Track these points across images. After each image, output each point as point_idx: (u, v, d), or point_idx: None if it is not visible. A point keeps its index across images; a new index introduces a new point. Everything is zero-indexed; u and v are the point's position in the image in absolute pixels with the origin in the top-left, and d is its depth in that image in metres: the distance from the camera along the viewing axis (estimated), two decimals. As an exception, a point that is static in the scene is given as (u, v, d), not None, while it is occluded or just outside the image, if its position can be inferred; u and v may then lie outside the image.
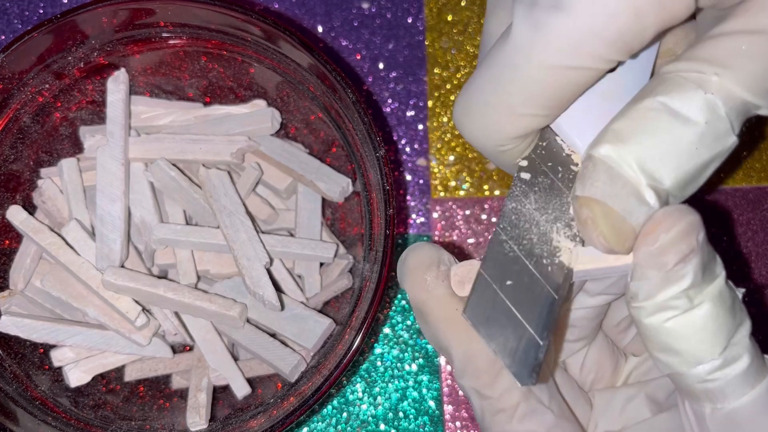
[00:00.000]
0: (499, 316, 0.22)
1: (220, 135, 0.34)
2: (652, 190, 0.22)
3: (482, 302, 0.22)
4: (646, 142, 0.21)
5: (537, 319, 0.21)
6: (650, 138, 0.21)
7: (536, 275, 0.22)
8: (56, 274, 0.32)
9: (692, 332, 0.21)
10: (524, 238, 0.23)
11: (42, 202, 0.34)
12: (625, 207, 0.22)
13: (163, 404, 0.34)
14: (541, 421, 0.24)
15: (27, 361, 0.33)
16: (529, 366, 0.21)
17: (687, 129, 0.21)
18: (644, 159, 0.21)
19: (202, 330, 0.33)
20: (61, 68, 0.33)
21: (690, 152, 0.21)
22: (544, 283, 0.22)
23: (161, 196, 0.34)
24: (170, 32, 0.33)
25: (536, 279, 0.22)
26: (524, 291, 0.22)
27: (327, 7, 0.42)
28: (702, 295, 0.21)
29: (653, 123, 0.22)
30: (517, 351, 0.21)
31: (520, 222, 0.23)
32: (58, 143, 0.35)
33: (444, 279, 0.24)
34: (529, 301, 0.22)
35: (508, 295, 0.22)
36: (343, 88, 0.30)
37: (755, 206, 0.40)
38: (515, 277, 0.22)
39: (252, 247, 0.32)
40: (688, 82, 0.22)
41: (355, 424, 0.37)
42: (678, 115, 0.21)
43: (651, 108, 0.22)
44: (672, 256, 0.21)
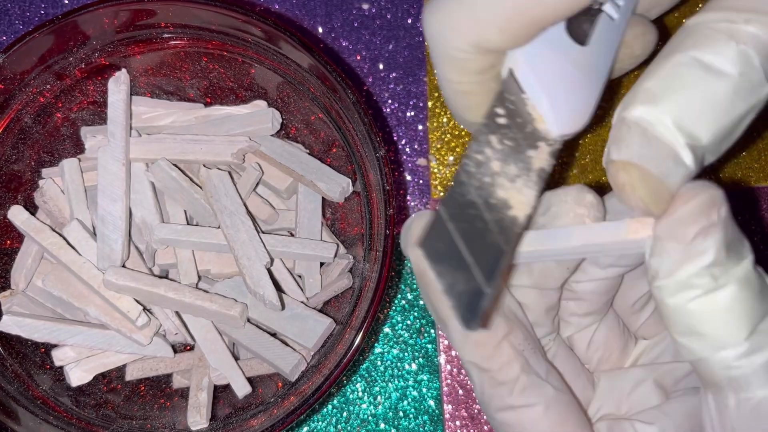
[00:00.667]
0: (450, 256, 0.22)
1: (220, 135, 0.34)
2: (689, 149, 0.21)
3: (437, 239, 0.22)
4: (680, 100, 0.21)
5: (486, 268, 0.21)
6: (684, 95, 0.21)
7: (489, 224, 0.22)
8: (57, 273, 0.33)
9: (717, 314, 0.20)
10: (483, 185, 0.23)
11: (43, 202, 0.34)
12: (663, 169, 0.21)
13: (164, 403, 0.34)
14: (541, 394, 0.23)
15: (28, 361, 0.33)
16: (473, 311, 0.21)
17: (721, 82, 0.21)
18: (681, 118, 0.21)
19: (202, 329, 0.33)
20: (62, 69, 0.33)
21: (726, 106, 0.21)
22: (496, 233, 0.22)
23: (162, 197, 0.35)
24: (171, 33, 0.33)
25: (489, 228, 0.22)
26: (477, 236, 0.22)
27: (327, 8, 0.42)
28: (727, 275, 0.20)
29: (686, 79, 0.21)
30: (464, 294, 0.21)
31: (481, 168, 0.23)
32: (59, 143, 0.35)
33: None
34: (480, 248, 0.22)
35: (461, 237, 0.22)
36: (343, 89, 0.30)
37: (755, 206, 0.40)
38: (470, 220, 0.22)
39: (252, 247, 0.32)
40: (718, 33, 0.21)
41: (355, 423, 0.37)
42: (711, 69, 0.21)
43: (682, 63, 0.21)
44: (691, 227, 0.20)
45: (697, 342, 0.21)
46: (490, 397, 0.24)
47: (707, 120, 0.21)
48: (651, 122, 0.21)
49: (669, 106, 0.21)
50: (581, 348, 0.28)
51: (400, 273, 0.39)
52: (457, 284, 0.21)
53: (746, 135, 0.41)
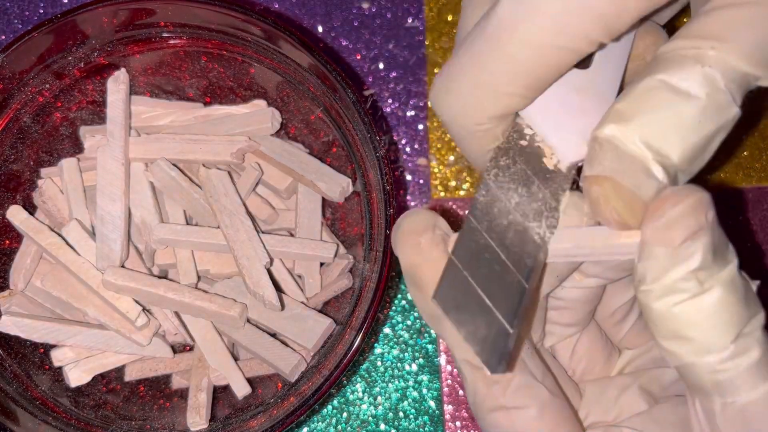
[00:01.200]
0: (469, 303, 0.22)
1: (220, 135, 0.34)
2: (659, 165, 0.22)
3: (452, 288, 0.22)
4: (649, 119, 0.22)
5: (507, 308, 0.21)
6: (653, 115, 0.22)
7: (507, 263, 0.22)
8: (56, 274, 0.32)
9: (702, 318, 0.21)
10: (496, 226, 0.23)
11: (42, 202, 0.34)
12: (635, 182, 0.22)
13: (164, 404, 0.34)
14: (536, 395, 0.23)
15: (27, 361, 0.33)
16: (498, 354, 0.21)
17: (688, 103, 0.21)
18: (649, 135, 0.22)
19: (202, 330, 0.33)
20: (61, 68, 0.33)
21: (693, 126, 0.22)
22: (514, 272, 0.22)
23: (161, 196, 0.35)
24: (170, 32, 0.33)
25: (507, 267, 0.22)
26: (495, 279, 0.22)
27: (327, 7, 0.42)
28: (713, 279, 0.21)
29: (654, 100, 0.22)
30: (487, 339, 0.21)
31: (492, 210, 0.23)
32: (58, 143, 0.35)
33: (439, 243, 0.24)
34: (500, 290, 0.22)
35: (478, 283, 0.22)
36: (343, 88, 0.30)
37: (755, 206, 0.40)
38: (486, 264, 0.22)
39: (252, 247, 0.32)
40: (685, 58, 0.22)
41: (355, 423, 0.37)
42: (678, 91, 0.22)
43: (651, 86, 0.22)
44: (679, 231, 0.21)
45: (683, 346, 0.21)
46: (483, 397, 0.24)
47: (675, 138, 0.22)
48: (621, 140, 0.22)
49: (638, 125, 0.22)
50: (564, 358, 0.28)
51: (400, 273, 0.39)
52: (479, 330, 0.21)
53: (747, 134, 0.41)
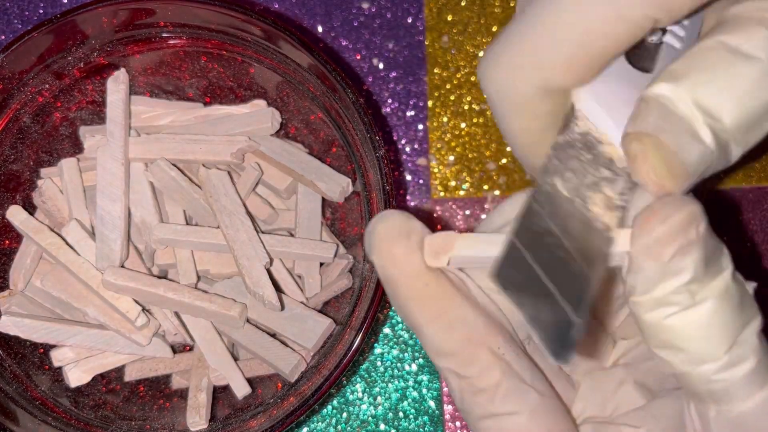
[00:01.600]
0: (531, 287, 0.21)
1: (220, 135, 0.34)
2: (708, 128, 0.20)
3: (513, 270, 0.21)
4: (703, 79, 0.20)
5: (572, 297, 0.20)
6: (708, 74, 0.20)
7: (571, 252, 0.21)
8: (56, 274, 0.32)
9: (694, 330, 0.20)
10: (559, 213, 0.22)
11: (42, 202, 0.34)
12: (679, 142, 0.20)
13: (163, 404, 0.34)
14: (525, 400, 0.22)
15: (27, 361, 0.33)
16: (566, 343, 0.20)
17: (748, 65, 0.20)
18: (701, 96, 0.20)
19: (202, 330, 0.33)
20: (61, 68, 0.33)
21: (752, 90, 0.20)
22: (579, 261, 0.21)
23: (161, 196, 0.34)
24: (170, 32, 0.33)
25: (571, 255, 0.21)
26: (559, 266, 0.21)
27: (327, 7, 0.42)
28: (705, 290, 0.20)
29: (710, 60, 0.20)
30: (551, 326, 0.20)
31: (554, 196, 0.22)
32: (58, 143, 0.35)
33: (414, 251, 0.22)
34: (564, 277, 0.21)
35: (542, 267, 0.21)
36: (343, 88, 0.30)
37: (755, 206, 0.40)
38: (549, 249, 0.21)
39: (252, 247, 0.32)
40: (750, 20, 0.20)
41: (355, 424, 0.37)
42: (738, 52, 0.20)
43: (709, 47, 0.21)
44: (669, 247, 0.20)
45: (676, 356, 0.21)
46: (471, 405, 0.23)
47: (730, 101, 0.20)
48: (670, 98, 0.20)
49: (690, 84, 0.20)
50: None
51: (400, 273, 0.39)
52: (542, 315, 0.20)
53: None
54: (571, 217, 0.22)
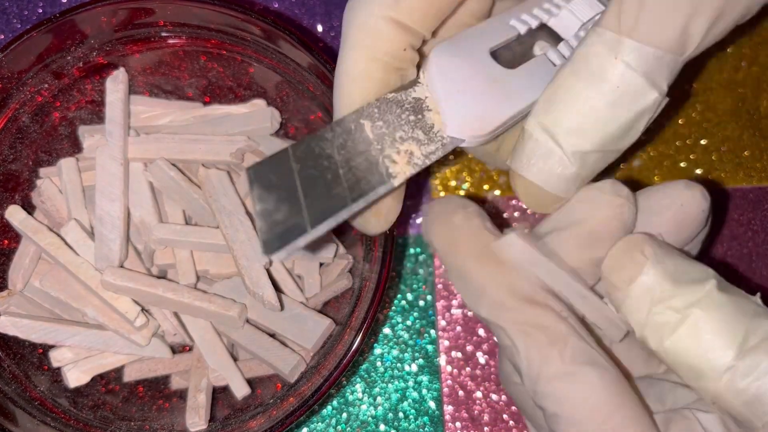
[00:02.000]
0: (282, 189, 0.21)
1: (219, 135, 0.34)
2: (576, 157, 0.23)
3: (272, 170, 0.21)
4: (564, 111, 0.23)
5: (318, 211, 0.21)
6: (569, 107, 0.23)
7: (342, 179, 0.22)
8: (55, 274, 0.32)
9: (694, 346, 0.20)
10: (349, 147, 0.23)
11: (41, 202, 0.34)
12: (545, 178, 0.23)
13: (163, 405, 0.34)
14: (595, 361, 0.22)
15: (26, 362, 0.33)
16: (282, 241, 0.20)
17: (600, 95, 0.22)
18: (563, 128, 0.23)
19: (201, 330, 0.33)
20: (60, 68, 0.33)
21: (607, 116, 0.22)
22: (346, 188, 0.22)
23: (160, 196, 0.34)
24: (169, 32, 0.33)
25: (340, 182, 0.22)
26: (320, 186, 0.21)
27: (327, 6, 0.42)
28: (688, 305, 0.20)
29: (571, 91, 0.23)
30: (279, 224, 0.20)
31: (353, 132, 0.23)
32: (57, 143, 0.35)
33: (472, 217, 0.24)
34: (320, 196, 0.21)
35: (301, 179, 0.21)
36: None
37: (755, 206, 0.40)
38: (319, 170, 0.22)
39: (251, 247, 0.32)
40: (602, 47, 0.22)
41: (354, 424, 0.37)
42: (594, 82, 0.22)
43: (570, 75, 0.23)
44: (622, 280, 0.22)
45: (690, 373, 0.21)
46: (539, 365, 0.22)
47: (590, 130, 0.23)
48: (539, 132, 0.23)
49: (555, 118, 0.23)
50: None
51: (400, 273, 0.39)
52: (276, 213, 0.21)
53: (748, 134, 0.41)
54: (361, 154, 0.23)
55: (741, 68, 0.42)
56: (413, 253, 0.39)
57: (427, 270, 0.39)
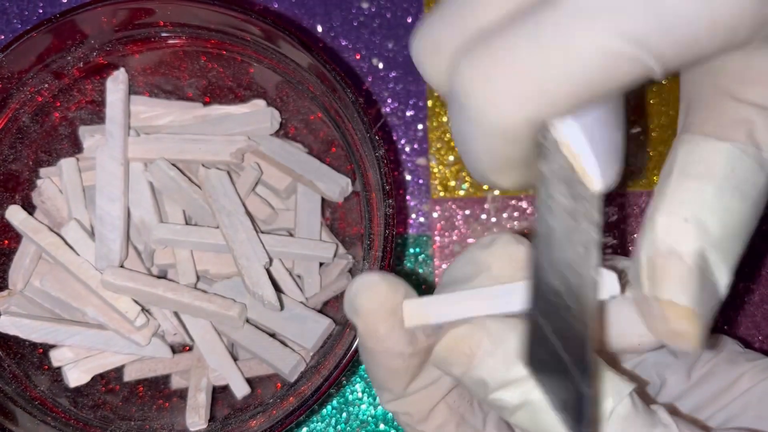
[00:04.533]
0: (550, 360, 0.19)
1: (219, 135, 0.34)
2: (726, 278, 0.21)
3: (539, 347, 0.19)
4: (718, 231, 0.20)
5: (579, 362, 0.18)
6: (718, 224, 0.20)
7: (571, 309, 0.19)
8: (55, 274, 0.32)
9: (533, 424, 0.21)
10: (556, 263, 0.19)
11: (41, 201, 0.34)
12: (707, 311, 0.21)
13: (163, 404, 0.34)
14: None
15: (26, 361, 0.33)
16: (582, 421, 0.18)
17: (755, 211, 0.21)
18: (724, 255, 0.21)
19: (201, 330, 0.33)
20: (60, 68, 0.33)
21: (748, 224, 0.21)
22: (577, 319, 0.18)
23: (160, 196, 0.34)
24: (170, 32, 0.33)
25: (571, 314, 0.19)
26: (565, 329, 0.18)
27: (326, 6, 0.42)
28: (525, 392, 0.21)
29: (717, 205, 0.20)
30: (569, 403, 0.18)
31: (550, 242, 0.19)
32: (57, 143, 0.35)
33: (396, 329, 0.22)
34: (570, 341, 0.18)
35: (555, 335, 0.19)
36: (342, 88, 0.30)
37: (755, 206, 0.40)
38: (557, 311, 0.19)
39: (251, 247, 0.32)
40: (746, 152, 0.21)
41: (354, 424, 0.37)
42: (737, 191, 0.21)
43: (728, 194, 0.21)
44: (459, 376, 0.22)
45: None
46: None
47: (736, 244, 0.21)
48: (706, 265, 0.20)
49: (718, 246, 0.21)
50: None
51: (400, 273, 0.39)
52: (561, 393, 0.18)
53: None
54: (566, 264, 0.19)
55: (740, 68, 0.42)
56: (413, 253, 0.40)
57: (426, 270, 0.39)
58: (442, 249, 0.40)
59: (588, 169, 0.19)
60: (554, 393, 0.19)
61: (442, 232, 0.40)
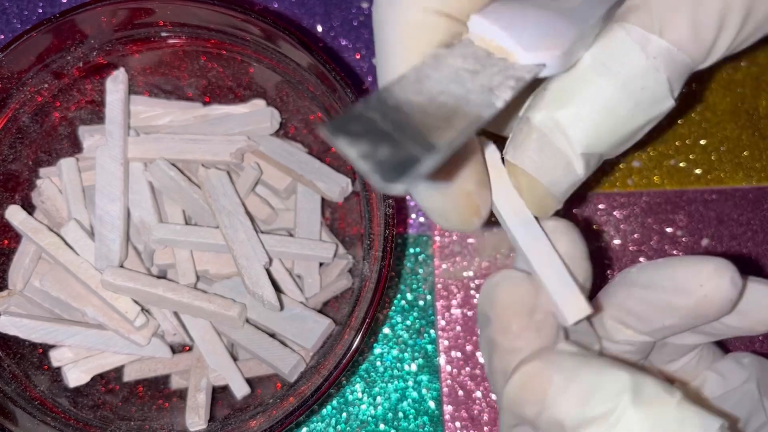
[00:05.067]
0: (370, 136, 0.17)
1: (219, 135, 0.34)
2: (582, 159, 0.21)
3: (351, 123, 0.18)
4: (582, 109, 0.21)
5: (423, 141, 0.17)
6: (587, 104, 0.21)
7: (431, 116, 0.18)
8: (55, 274, 0.32)
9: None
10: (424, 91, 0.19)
11: (41, 201, 0.34)
12: (552, 179, 0.21)
13: (162, 404, 0.34)
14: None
15: (26, 361, 0.33)
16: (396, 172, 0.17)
17: (625, 95, 0.21)
18: (579, 128, 0.21)
19: (201, 330, 0.33)
20: (60, 68, 0.33)
21: (626, 118, 0.21)
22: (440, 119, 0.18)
23: (160, 196, 0.34)
24: (169, 32, 0.33)
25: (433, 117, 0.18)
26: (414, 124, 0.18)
27: (326, 6, 0.42)
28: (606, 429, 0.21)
29: (591, 87, 0.21)
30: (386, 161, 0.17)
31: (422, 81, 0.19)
32: (57, 143, 0.35)
33: (529, 330, 0.22)
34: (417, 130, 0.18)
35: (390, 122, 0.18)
36: (342, 88, 0.30)
37: (755, 206, 0.40)
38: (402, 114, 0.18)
39: (251, 247, 0.32)
40: (629, 41, 0.20)
41: (354, 424, 0.37)
42: (617, 80, 0.20)
43: (591, 69, 0.21)
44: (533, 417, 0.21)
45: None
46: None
47: (606, 132, 0.21)
48: (550, 129, 0.21)
49: (570, 115, 0.21)
50: None
51: (400, 273, 0.39)
52: (377, 155, 0.17)
53: (749, 136, 0.41)
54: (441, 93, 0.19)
55: (740, 68, 0.42)
56: (413, 252, 0.40)
57: (426, 270, 0.39)
58: (442, 249, 0.40)
59: (507, 46, 0.20)
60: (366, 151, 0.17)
61: (442, 231, 0.40)
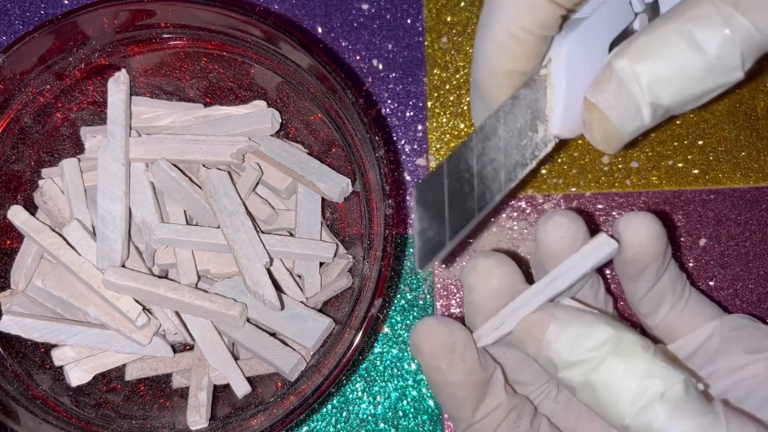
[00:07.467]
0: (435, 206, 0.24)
1: (220, 135, 0.34)
2: (650, 108, 0.24)
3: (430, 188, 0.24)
4: (660, 64, 0.24)
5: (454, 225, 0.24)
6: (665, 61, 0.23)
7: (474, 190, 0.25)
8: (57, 273, 0.33)
9: (595, 400, 0.24)
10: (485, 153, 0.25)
11: (43, 202, 0.34)
12: (621, 119, 0.25)
13: (164, 403, 0.34)
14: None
15: (28, 361, 0.33)
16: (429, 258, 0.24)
17: (700, 59, 0.23)
18: (654, 79, 0.24)
19: (202, 329, 0.33)
20: (62, 69, 0.33)
21: (697, 80, 0.23)
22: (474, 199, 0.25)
23: (162, 197, 0.35)
24: (171, 33, 0.33)
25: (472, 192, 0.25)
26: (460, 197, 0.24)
27: (327, 8, 0.42)
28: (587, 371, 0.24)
29: (672, 48, 0.23)
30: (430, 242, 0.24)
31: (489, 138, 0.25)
32: (59, 143, 0.35)
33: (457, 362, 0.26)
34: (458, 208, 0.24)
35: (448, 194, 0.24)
36: (342, 89, 0.30)
37: (753, 206, 0.41)
38: (461, 182, 0.24)
39: (252, 246, 0.32)
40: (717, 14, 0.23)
41: (354, 423, 0.37)
42: (696, 45, 0.23)
43: (674, 32, 0.23)
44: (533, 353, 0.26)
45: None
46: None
47: (676, 87, 0.24)
48: (629, 75, 0.24)
49: (648, 67, 0.24)
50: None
51: (400, 273, 0.39)
52: (429, 231, 0.24)
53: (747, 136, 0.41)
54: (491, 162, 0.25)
55: (738, 69, 0.42)
56: (413, 252, 0.40)
57: (426, 270, 0.39)
58: (442, 249, 0.40)
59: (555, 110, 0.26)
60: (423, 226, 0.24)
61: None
